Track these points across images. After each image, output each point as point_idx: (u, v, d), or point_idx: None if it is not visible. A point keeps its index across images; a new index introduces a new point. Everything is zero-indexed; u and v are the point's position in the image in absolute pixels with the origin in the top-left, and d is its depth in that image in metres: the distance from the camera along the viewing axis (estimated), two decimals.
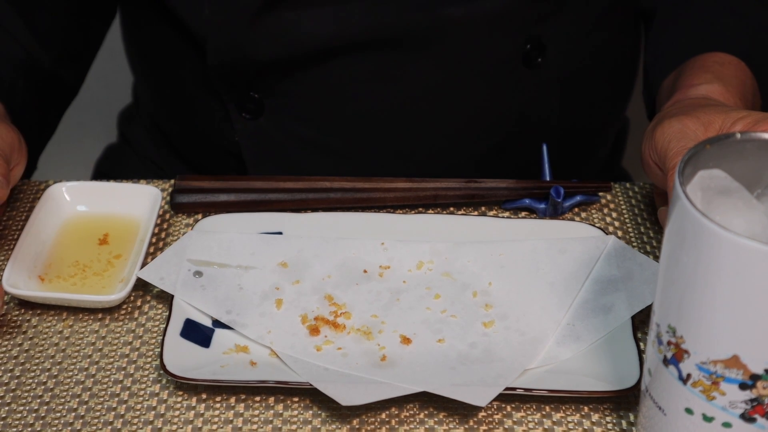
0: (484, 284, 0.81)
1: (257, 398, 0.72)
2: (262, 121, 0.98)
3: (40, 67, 0.97)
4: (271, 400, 0.72)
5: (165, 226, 0.88)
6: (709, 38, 0.92)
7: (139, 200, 0.86)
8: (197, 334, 0.76)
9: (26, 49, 0.95)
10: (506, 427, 0.70)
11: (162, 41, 1.02)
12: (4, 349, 0.76)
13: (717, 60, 0.89)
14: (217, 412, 0.71)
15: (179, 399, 0.72)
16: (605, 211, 0.90)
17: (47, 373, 0.74)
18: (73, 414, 0.71)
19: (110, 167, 1.16)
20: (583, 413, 0.71)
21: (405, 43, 0.93)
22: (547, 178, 0.90)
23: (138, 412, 0.71)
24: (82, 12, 1.03)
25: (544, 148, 0.90)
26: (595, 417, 0.71)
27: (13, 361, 0.75)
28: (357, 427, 0.70)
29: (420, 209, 0.89)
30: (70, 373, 0.74)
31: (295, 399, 0.72)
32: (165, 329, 0.75)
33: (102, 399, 0.72)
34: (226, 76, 0.96)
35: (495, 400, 0.71)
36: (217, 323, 0.77)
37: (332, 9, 0.91)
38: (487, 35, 0.94)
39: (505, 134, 1.01)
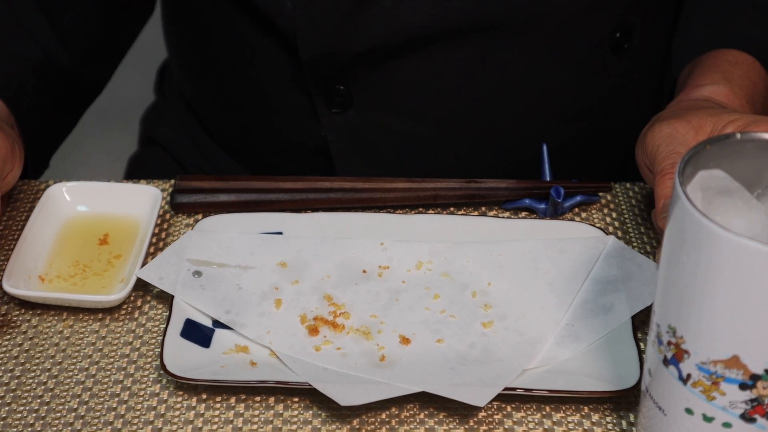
0: (484, 284, 0.81)
1: (257, 398, 0.72)
2: (351, 114, 0.96)
3: (58, 68, 0.95)
4: (271, 400, 0.72)
5: (165, 226, 0.88)
6: (728, 34, 0.91)
7: (139, 200, 0.86)
8: (197, 334, 0.76)
9: (44, 48, 0.94)
10: (506, 427, 0.71)
11: (232, 39, 0.99)
12: (4, 349, 0.76)
13: (729, 59, 0.88)
14: (217, 412, 0.71)
15: (179, 399, 0.72)
16: (605, 211, 0.90)
17: (47, 373, 0.74)
18: (73, 414, 0.71)
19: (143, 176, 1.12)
20: (583, 413, 0.71)
21: (499, 30, 0.92)
22: (547, 178, 0.90)
23: (138, 412, 0.71)
24: (114, 10, 1.00)
25: (544, 147, 0.90)
26: (595, 417, 0.71)
27: (13, 361, 0.75)
28: (357, 427, 0.70)
29: (420, 209, 0.89)
30: (70, 373, 0.74)
31: (295, 399, 0.72)
32: (165, 329, 0.75)
33: (102, 399, 0.72)
34: (316, 69, 0.94)
35: (495, 400, 0.71)
36: (217, 323, 0.77)
37: None
38: (581, 20, 0.94)
39: (588, 123, 1.00)
